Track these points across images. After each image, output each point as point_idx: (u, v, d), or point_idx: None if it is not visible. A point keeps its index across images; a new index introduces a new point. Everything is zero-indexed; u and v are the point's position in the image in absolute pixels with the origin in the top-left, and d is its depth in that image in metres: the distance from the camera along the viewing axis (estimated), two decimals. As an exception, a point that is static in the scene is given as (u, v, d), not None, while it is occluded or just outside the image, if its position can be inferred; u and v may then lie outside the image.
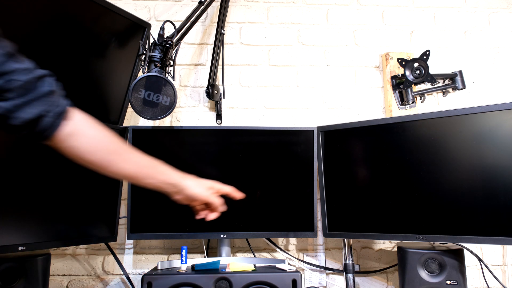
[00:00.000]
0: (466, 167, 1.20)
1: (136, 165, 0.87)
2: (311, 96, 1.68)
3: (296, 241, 1.61)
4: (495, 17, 1.76)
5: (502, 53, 1.74)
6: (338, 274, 1.59)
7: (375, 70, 1.71)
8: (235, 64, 1.68)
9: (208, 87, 1.51)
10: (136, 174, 0.87)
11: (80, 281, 1.53)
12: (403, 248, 1.28)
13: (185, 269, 1.23)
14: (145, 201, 1.40)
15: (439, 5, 1.77)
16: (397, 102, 1.65)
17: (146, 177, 0.89)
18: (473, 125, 1.19)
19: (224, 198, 1.43)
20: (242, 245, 1.59)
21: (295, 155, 1.46)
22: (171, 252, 1.57)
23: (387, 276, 1.59)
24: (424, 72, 1.55)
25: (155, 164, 0.91)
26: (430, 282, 1.23)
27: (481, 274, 1.52)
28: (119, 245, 1.56)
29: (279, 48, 1.71)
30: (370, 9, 1.75)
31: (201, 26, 1.69)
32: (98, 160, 0.82)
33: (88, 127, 0.82)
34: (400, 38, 1.74)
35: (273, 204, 1.44)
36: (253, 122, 1.65)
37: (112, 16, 1.29)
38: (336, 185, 1.42)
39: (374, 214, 1.33)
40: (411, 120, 1.30)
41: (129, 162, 0.86)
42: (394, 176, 1.30)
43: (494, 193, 1.14)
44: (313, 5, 1.74)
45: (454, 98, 1.70)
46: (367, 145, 1.37)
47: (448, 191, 1.21)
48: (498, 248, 1.60)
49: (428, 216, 1.23)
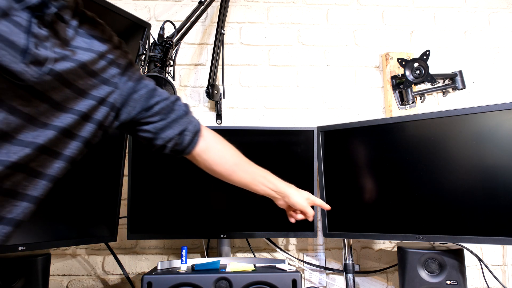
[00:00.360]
0: (466, 167, 1.20)
1: (252, 175, 1.01)
2: (311, 96, 1.68)
3: (296, 241, 1.61)
4: (495, 17, 1.76)
5: (502, 53, 1.74)
6: (338, 274, 1.59)
7: (375, 70, 1.71)
8: (235, 64, 1.68)
9: (208, 87, 1.51)
10: (252, 182, 1.01)
11: (80, 281, 1.53)
12: (403, 248, 1.28)
13: (185, 269, 1.23)
14: (145, 201, 1.40)
15: (439, 5, 1.77)
16: (397, 102, 1.65)
17: (259, 185, 1.02)
18: (473, 125, 1.19)
19: (224, 198, 1.43)
20: (242, 245, 1.59)
21: (295, 155, 1.46)
22: (171, 252, 1.57)
23: (387, 276, 1.59)
24: (424, 72, 1.55)
25: (266, 174, 1.03)
26: (430, 282, 1.23)
27: (481, 274, 1.52)
28: (119, 245, 1.56)
29: (279, 48, 1.71)
30: (370, 9, 1.75)
31: (201, 26, 1.69)
32: (225, 171, 0.97)
33: (216, 142, 0.96)
34: (400, 38, 1.74)
35: (273, 204, 1.44)
36: (253, 122, 1.65)
37: (112, 16, 1.29)
38: (336, 185, 1.42)
39: (374, 214, 1.33)
40: (411, 120, 1.30)
41: (247, 172, 1.00)
42: (394, 176, 1.30)
43: (494, 193, 1.14)
44: (313, 5, 1.74)
45: (454, 98, 1.70)
46: (367, 145, 1.37)
47: (448, 191, 1.21)
48: (498, 248, 1.60)
49: (428, 216, 1.23)
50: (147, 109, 0.82)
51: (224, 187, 1.43)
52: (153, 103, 0.83)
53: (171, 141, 0.87)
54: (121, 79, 0.78)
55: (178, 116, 0.87)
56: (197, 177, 1.42)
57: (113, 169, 1.38)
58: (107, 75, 0.74)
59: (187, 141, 0.89)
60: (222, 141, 0.98)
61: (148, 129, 0.84)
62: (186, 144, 0.89)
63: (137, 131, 0.85)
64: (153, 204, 1.40)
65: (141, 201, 1.40)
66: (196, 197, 1.42)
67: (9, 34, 0.55)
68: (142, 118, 0.83)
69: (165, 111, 0.85)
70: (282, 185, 1.05)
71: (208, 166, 0.96)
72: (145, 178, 1.40)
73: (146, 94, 0.82)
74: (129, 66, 0.81)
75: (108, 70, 0.75)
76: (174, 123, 0.86)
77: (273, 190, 1.04)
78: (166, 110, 0.85)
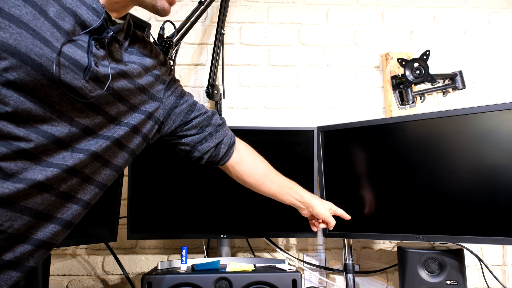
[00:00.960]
0: (466, 167, 1.20)
1: (280, 186, 1.06)
2: (311, 96, 1.68)
3: (296, 241, 1.61)
4: (495, 17, 1.76)
5: (502, 53, 1.74)
6: (338, 274, 1.59)
7: (375, 70, 1.71)
8: (235, 64, 1.68)
9: (208, 87, 1.51)
10: (279, 193, 1.06)
11: (80, 281, 1.53)
12: (403, 248, 1.28)
13: (185, 269, 1.23)
14: (145, 201, 1.40)
15: (439, 5, 1.77)
16: (397, 102, 1.65)
17: (286, 195, 1.07)
18: (473, 125, 1.19)
19: (224, 198, 1.43)
20: (242, 245, 1.59)
21: (295, 155, 1.46)
22: (171, 252, 1.57)
23: (387, 276, 1.59)
24: (424, 72, 1.55)
25: (293, 185, 1.09)
26: (430, 282, 1.23)
27: (481, 274, 1.52)
28: (119, 245, 1.56)
29: (279, 48, 1.71)
30: (370, 9, 1.75)
31: (201, 26, 1.69)
32: (255, 181, 1.02)
33: (248, 154, 1.02)
34: (400, 38, 1.74)
35: (273, 204, 1.44)
36: (253, 122, 1.65)
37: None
38: (336, 185, 1.41)
39: (374, 214, 1.33)
40: (411, 120, 1.30)
41: (275, 183, 1.05)
42: (394, 176, 1.30)
43: (494, 193, 1.14)
44: (313, 5, 1.74)
45: (454, 98, 1.70)
46: (367, 145, 1.37)
47: (448, 191, 1.21)
48: (498, 248, 1.60)
49: (428, 216, 1.23)
50: (186, 123, 0.89)
51: (224, 187, 1.43)
52: (192, 117, 0.89)
53: (207, 153, 0.93)
54: (165, 94, 0.84)
55: (214, 130, 0.93)
56: (197, 177, 1.42)
57: (113, 169, 1.38)
58: (154, 90, 0.81)
59: (222, 154, 0.95)
60: (254, 152, 1.04)
61: (186, 142, 0.91)
62: (222, 156, 0.95)
63: (176, 144, 0.91)
64: (153, 204, 1.40)
65: (141, 201, 1.40)
66: (196, 197, 1.42)
67: (73, 54, 0.63)
68: (181, 131, 0.89)
69: (202, 125, 0.91)
70: (308, 196, 1.10)
71: (240, 177, 1.02)
72: (145, 178, 1.41)
73: (186, 109, 0.88)
74: (173, 82, 0.88)
75: (155, 86, 0.82)
76: (210, 136, 0.93)
77: (298, 201, 1.09)
78: (203, 124, 0.91)
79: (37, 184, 0.61)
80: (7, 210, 0.58)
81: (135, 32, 0.81)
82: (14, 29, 0.56)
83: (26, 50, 0.57)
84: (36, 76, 0.58)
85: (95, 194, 0.73)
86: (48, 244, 0.66)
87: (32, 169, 0.60)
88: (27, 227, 0.61)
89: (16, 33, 0.56)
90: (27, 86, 0.58)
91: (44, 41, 0.59)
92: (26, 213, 0.61)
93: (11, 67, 0.56)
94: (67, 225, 0.68)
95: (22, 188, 0.59)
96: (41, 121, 0.61)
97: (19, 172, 0.59)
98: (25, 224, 0.61)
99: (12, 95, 0.57)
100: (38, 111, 0.60)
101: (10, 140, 0.58)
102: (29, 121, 0.59)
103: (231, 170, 1.00)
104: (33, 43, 0.57)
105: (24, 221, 0.60)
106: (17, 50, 0.56)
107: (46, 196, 0.63)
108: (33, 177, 0.60)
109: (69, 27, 0.63)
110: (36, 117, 0.60)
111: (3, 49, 0.55)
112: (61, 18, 0.62)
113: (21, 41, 0.56)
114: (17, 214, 0.59)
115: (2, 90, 0.56)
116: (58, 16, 0.61)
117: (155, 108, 0.81)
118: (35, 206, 0.62)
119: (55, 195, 0.64)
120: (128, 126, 0.75)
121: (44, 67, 0.59)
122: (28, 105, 0.59)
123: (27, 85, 0.58)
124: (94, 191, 0.73)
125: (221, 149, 0.95)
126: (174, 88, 0.88)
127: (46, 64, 0.59)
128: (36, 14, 0.58)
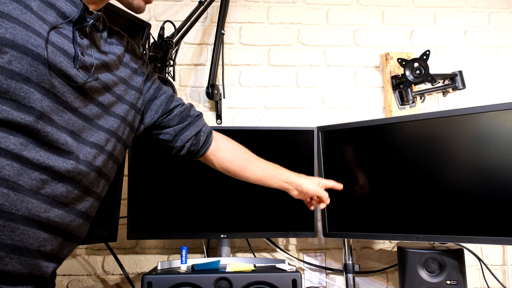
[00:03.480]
0: (466, 167, 1.20)
1: (264, 170, 1.06)
2: (311, 96, 1.68)
3: (296, 241, 1.61)
4: (495, 17, 1.76)
5: (502, 53, 1.74)
6: (338, 274, 1.59)
7: (375, 70, 1.71)
8: (235, 64, 1.68)
9: (208, 87, 1.51)
10: (264, 176, 1.06)
11: (80, 281, 1.53)
12: (403, 248, 1.28)
13: (185, 269, 1.23)
14: (145, 201, 1.40)
15: (439, 5, 1.77)
16: (397, 102, 1.65)
17: (272, 178, 1.07)
18: (473, 125, 1.19)
19: (224, 198, 1.43)
20: (242, 245, 1.59)
21: (295, 155, 1.46)
22: (171, 252, 1.57)
23: (387, 276, 1.59)
24: (424, 72, 1.55)
25: (277, 168, 1.09)
26: (430, 282, 1.23)
27: (481, 274, 1.52)
28: (119, 245, 1.56)
29: (279, 48, 1.71)
30: (370, 9, 1.75)
31: (201, 26, 1.69)
32: (237, 167, 1.03)
33: (225, 141, 1.04)
34: (400, 38, 1.74)
35: (273, 204, 1.44)
36: (253, 122, 1.65)
37: (112, 16, 1.28)
38: (336, 185, 1.42)
39: (374, 214, 1.33)
40: (411, 120, 1.30)
41: (258, 167, 1.05)
42: (394, 176, 1.30)
43: (494, 193, 1.14)
44: (313, 5, 1.74)
45: (454, 98, 1.70)
46: (367, 145, 1.37)
47: (448, 191, 1.21)
48: (498, 248, 1.60)
49: (428, 216, 1.23)
50: (168, 112, 0.92)
51: (224, 187, 1.43)
52: (172, 106, 0.93)
53: (189, 142, 0.95)
54: (144, 86, 0.88)
55: (194, 119, 0.97)
56: (197, 177, 1.42)
57: (113, 169, 1.38)
58: (134, 82, 0.84)
59: (202, 142, 0.97)
60: (231, 141, 1.06)
61: (169, 132, 0.93)
62: (202, 145, 0.98)
63: (158, 134, 0.94)
64: (153, 204, 1.40)
65: (141, 201, 1.40)
66: (196, 197, 1.42)
67: (62, 44, 0.65)
68: (163, 122, 0.92)
69: (182, 115, 0.95)
70: (293, 176, 1.09)
71: (222, 164, 1.03)
72: (145, 178, 1.40)
73: (166, 99, 0.92)
74: (151, 75, 0.91)
75: (134, 77, 0.84)
76: (191, 125, 0.96)
77: (285, 182, 1.09)
78: (183, 114, 0.95)
79: (60, 175, 0.64)
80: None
81: (111, 26, 0.84)
82: (8, 24, 0.58)
83: (23, 42, 0.59)
84: (38, 66, 0.60)
85: (104, 186, 0.77)
86: (88, 216, 0.73)
87: (54, 160, 0.63)
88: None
89: (11, 28, 0.58)
90: (33, 77, 0.60)
91: (36, 33, 0.61)
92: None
93: (14, 59, 0.58)
94: (86, 218, 0.73)
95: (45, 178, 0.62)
96: (52, 112, 0.63)
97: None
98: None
99: (22, 87, 0.59)
100: (48, 103, 0.62)
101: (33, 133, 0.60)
102: (43, 115, 0.61)
103: (212, 158, 1.02)
104: (27, 35, 0.59)
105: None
106: (15, 42, 0.58)
107: (69, 188, 0.66)
108: (58, 167, 0.63)
109: (52, 19, 0.65)
110: (48, 108, 0.62)
111: (3, 44, 0.57)
112: (44, 11, 0.64)
113: (17, 35, 0.58)
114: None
115: (12, 83, 0.58)
116: (40, 10, 0.64)
117: (136, 98, 0.84)
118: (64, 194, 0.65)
119: (77, 188, 0.67)
120: (118, 117, 0.77)
121: (43, 57, 0.61)
122: (38, 96, 0.60)
123: (32, 76, 0.60)
124: (104, 184, 0.76)
125: (200, 137, 0.97)
126: (153, 81, 0.91)
127: (43, 53, 0.61)
128: (23, 9, 0.61)
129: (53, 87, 0.63)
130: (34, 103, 0.60)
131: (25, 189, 0.59)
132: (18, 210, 0.58)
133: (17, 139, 0.58)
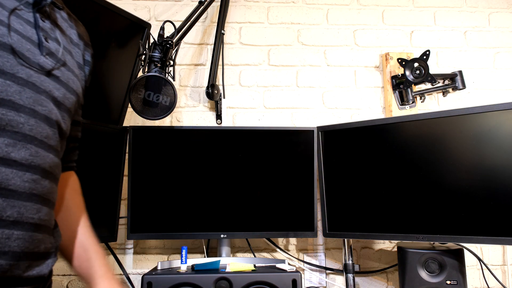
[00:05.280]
0: (466, 167, 1.20)
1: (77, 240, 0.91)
2: (311, 96, 1.68)
3: (296, 241, 1.61)
4: (495, 17, 1.76)
5: (502, 53, 1.74)
6: (338, 274, 1.59)
7: (375, 70, 1.71)
8: (235, 64, 1.68)
9: (208, 87, 1.51)
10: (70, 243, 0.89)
11: (80, 281, 1.53)
12: (403, 248, 1.28)
13: (185, 269, 1.23)
14: (145, 201, 1.40)
15: (439, 5, 1.77)
16: (397, 102, 1.65)
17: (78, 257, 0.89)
18: (473, 125, 1.19)
19: (224, 198, 1.43)
20: (242, 245, 1.59)
21: (295, 155, 1.46)
22: (171, 252, 1.57)
23: (387, 276, 1.59)
24: (424, 72, 1.55)
25: (96, 259, 0.91)
26: (430, 282, 1.23)
27: (481, 274, 1.52)
28: (119, 245, 1.56)
29: (279, 48, 1.71)
30: (370, 9, 1.75)
31: (201, 26, 1.69)
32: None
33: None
34: (400, 38, 1.74)
35: (273, 204, 1.44)
36: (253, 122, 1.65)
37: (112, 16, 1.29)
38: (336, 185, 1.41)
39: (374, 214, 1.33)
40: (411, 120, 1.30)
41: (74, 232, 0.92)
42: (394, 176, 1.30)
43: (494, 193, 1.14)
44: (313, 5, 1.74)
45: (454, 98, 1.70)
46: (367, 145, 1.37)
47: (448, 191, 1.21)
48: (498, 248, 1.60)
49: (428, 216, 1.23)
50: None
51: (224, 187, 1.43)
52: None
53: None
54: (87, 69, 0.85)
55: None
56: (197, 177, 1.42)
57: (113, 169, 1.38)
58: (84, 62, 0.83)
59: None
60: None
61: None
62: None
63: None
64: (153, 204, 1.40)
65: (141, 201, 1.40)
66: (196, 197, 1.42)
67: (25, 31, 0.61)
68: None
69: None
70: (100, 279, 0.85)
71: None
72: (145, 178, 1.41)
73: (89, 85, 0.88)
74: (92, 58, 0.88)
75: (84, 58, 0.83)
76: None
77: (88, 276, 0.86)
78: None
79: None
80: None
81: (65, 7, 0.81)
82: None
83: None
84: (8, 56, 0.57)
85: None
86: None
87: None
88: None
89: None
90: (6, 68, 0.57)
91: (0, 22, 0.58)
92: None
93: None
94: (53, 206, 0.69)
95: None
96: (35, 103, 0.60)
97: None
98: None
99: None
100: (29, 94, 0.59)
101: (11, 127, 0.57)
102: (21, 107, 0.58)
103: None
104: None
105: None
106: None
107: (52, 184, 0.65)
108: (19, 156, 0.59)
109: (10, 3, 0.61)
110: (30, 99, 0.59)
111: None
112: None
113: None
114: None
115: None
116: None
117: (84, 79, 0.82)
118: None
119: (54, 182, 0.67)
120: (77, 96, 0.74)
121: (9, 46, 0.57)
122: (16, 88, 0.57)
123: (5, 67, 0.57)
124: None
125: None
126: (92, 65, 0.87)
127: (8, 42, 0.57)
128: None
129: (30, 77, 0.60)
130: (12, 96, 0.57)
131: (17, 193, 0.57)
132: (9, 217, 0.56)
133: (3, 139, 0.55)
